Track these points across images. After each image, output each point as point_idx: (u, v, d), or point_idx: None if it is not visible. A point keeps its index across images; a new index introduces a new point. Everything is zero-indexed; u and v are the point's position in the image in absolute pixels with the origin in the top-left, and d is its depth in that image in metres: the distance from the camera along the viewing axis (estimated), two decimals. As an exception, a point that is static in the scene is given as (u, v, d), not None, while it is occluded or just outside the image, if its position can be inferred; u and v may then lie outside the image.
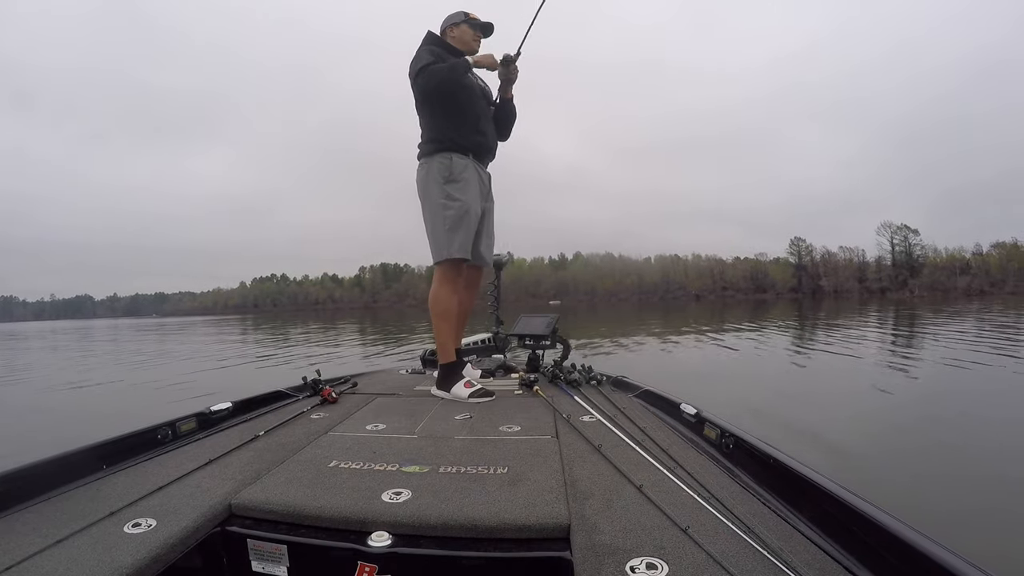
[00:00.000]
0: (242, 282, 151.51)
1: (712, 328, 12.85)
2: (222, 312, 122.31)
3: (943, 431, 3.25)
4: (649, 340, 10.29)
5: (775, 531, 0.94)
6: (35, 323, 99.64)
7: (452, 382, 2.17)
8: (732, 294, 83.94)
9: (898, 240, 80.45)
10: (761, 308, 29.51)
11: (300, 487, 1.17)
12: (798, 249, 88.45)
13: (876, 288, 75.42)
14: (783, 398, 4.42)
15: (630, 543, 0.90)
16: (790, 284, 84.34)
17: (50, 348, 15.85)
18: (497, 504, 1.06)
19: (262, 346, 12.46)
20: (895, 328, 12.03)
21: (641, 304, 57.41)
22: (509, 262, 3.03)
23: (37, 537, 0.96)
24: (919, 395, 4.45)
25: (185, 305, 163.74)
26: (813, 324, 13.82)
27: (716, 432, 1.42)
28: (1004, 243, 71.76)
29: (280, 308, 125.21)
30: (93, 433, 1.42)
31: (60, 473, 1.23)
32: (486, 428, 1.67)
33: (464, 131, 2.27)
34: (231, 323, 32.64)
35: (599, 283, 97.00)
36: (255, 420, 1.82)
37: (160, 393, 5.68)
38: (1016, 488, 2.28)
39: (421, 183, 2.29)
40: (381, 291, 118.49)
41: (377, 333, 15.61)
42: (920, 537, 0.76)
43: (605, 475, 1.22)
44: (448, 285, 2.28)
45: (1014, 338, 8.47)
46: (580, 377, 2.34)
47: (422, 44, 2.28)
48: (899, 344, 8.49)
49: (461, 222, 2.22)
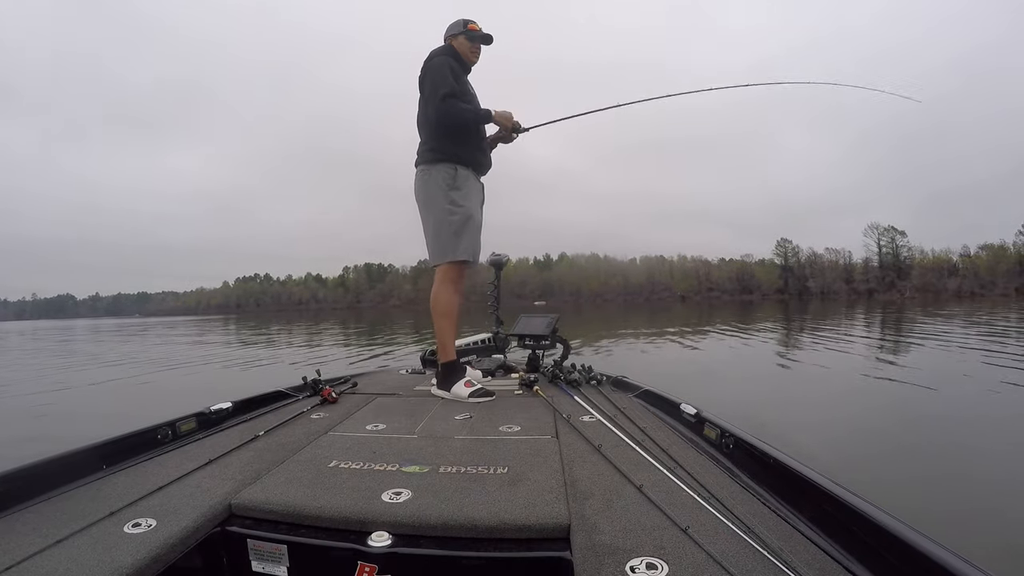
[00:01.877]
0: (225, 282, 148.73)
1: (694, 329, 12.73)
2: (204, 312, 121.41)
3: (937, 433, 3.21)
4: (634, 340, 10.28)
5: (775, 531, 0.94)
6: (15, 323, 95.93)
7: (452, 381, 2.17)
8: (718, 295, 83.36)
9: (885, 241, 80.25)
10: (747, 309, 29.38)
11: (300, 487, 1.16)
12: (784, 250, 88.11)
13: (864, 289, 75.12)
14: (772, 395, 4.40)
15: (630, 543, 0.90)
16: (776, 285, 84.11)
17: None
18: (497, 504, 1.05)
19: (231, 348, 11.38)
20: (890, 333, 11.04)
21: (627, 305, 57.44)
22: (508, 263, 3.02)
23: (37, 537, 0.96)
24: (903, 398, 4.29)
25: (168, 305, 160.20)
26: (800, 327, 13.35)
27: (716, 432, 1.42)
28: (992, 245, 71.49)
29: (263, 308, 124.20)
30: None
31: (60, 473, 1.22)
32: (486, 428, 1.66)
33: (468, 148, 2.33)
34: (211, 324, 31.13)
35: (584, 284, 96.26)
36: (255, 420, 1.81)
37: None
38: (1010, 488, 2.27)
39: (422, 188, 2.30)
40: (365, 291, 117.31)
41: (362, 335, 14.55)
42: (920, 537, 0.76)
43: (605, 475, 1.21)
44: (451, 285, 2.29)
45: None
46: (580, 377, 2.34)
47: (440, 54, 2.27)
48: (900, 353, 7.59)
49: (465, 227, 2.26)
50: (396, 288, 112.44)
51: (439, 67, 2.20)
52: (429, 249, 2.32)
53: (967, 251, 74.08)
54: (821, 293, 76.80)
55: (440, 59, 2.23)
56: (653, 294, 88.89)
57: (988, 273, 66.16)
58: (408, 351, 8.80)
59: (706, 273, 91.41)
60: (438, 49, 2.31)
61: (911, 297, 59.12)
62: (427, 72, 2.24)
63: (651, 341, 9.96)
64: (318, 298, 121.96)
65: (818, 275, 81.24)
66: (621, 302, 75.25)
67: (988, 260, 69.07)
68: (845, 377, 5.29)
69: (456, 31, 2.34)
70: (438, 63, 2.22)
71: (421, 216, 2.34)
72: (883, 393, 4.40)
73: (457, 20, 2.37)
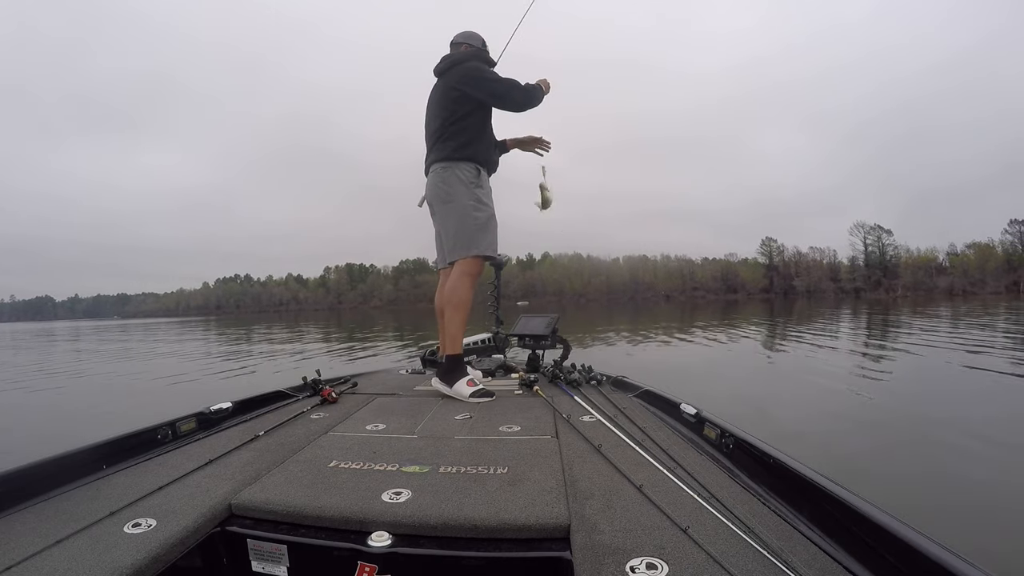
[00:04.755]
0: (205, 282, 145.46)
1: (680, 329, 12.57)
2: (184, 314, 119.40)
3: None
4: (618, 339, 10.25)
5: (775, 531, 0.92)
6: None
7: (455, 377, 2.13)
8: (702, 295, 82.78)
9: (871, 240, 78.34)
10: (732, 308, 28.78)
11: (300, 487, 1.15)
12: (769, 249, 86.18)
13: (850, 288, 74.11)
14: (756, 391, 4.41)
15: (630, 543, 0.88)
16: (761, 285, 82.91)
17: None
18: (497, 504, 1.04)
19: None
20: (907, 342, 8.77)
21: (611, 304, 57.32)
22: (507, 263, 2.94)
23: (37, 537, 0.94)
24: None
25: (148, 306, 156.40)
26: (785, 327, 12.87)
27: (716, 432, 1.40)
28: (979, 243, 70.95)
29: (243, 309, 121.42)
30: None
31: (60, 473, 1.20)
32: (486, 428, 1.64)
33: (489, 151, 2.41)
34: (191, 327, 29.32)
35: (567, 284, 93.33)
36: (255, 420, 1.79)
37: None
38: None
39: (443, 184, 2.29)
40: (346, 292, 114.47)
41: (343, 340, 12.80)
42: (920, 537, 0.75)
43: (605, 475, 1.19)
44: (469, 280, 2.26)
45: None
46: (580, 377, 2.29)
47: (474, 58, 2.37)
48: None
49: (489, 225, 2.30)
50: (377, 289, 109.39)
51: (477, 68, 2.31)
52: (450, 243, 2.30)
53: (954, 249, 73.66)
54: (808, 292, 75.92)
55: (476, 63, 2.35)
56: (637, 294, 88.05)
57: (977, 271, 65.45)
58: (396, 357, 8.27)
59: (690, 272, 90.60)
60: (471, 53, 2.41)
61: (903, 296, 58.50)
62: (479, 72, 2.30)
63: (633, 341, 9.73)
64: (299, 299, 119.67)
65: (804, 274, 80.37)
66: (605, 302, 74.05)
67: (976, 258, 68.35)
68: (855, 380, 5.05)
69: (476, 45, 2.45)
70: (475, 66, 2.33)
71: (438, 212, 2.35)
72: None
73: (478, 35, 2.49)
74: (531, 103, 2.33)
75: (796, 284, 78.85)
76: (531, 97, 2.33)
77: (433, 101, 2.38)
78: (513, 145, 2.65)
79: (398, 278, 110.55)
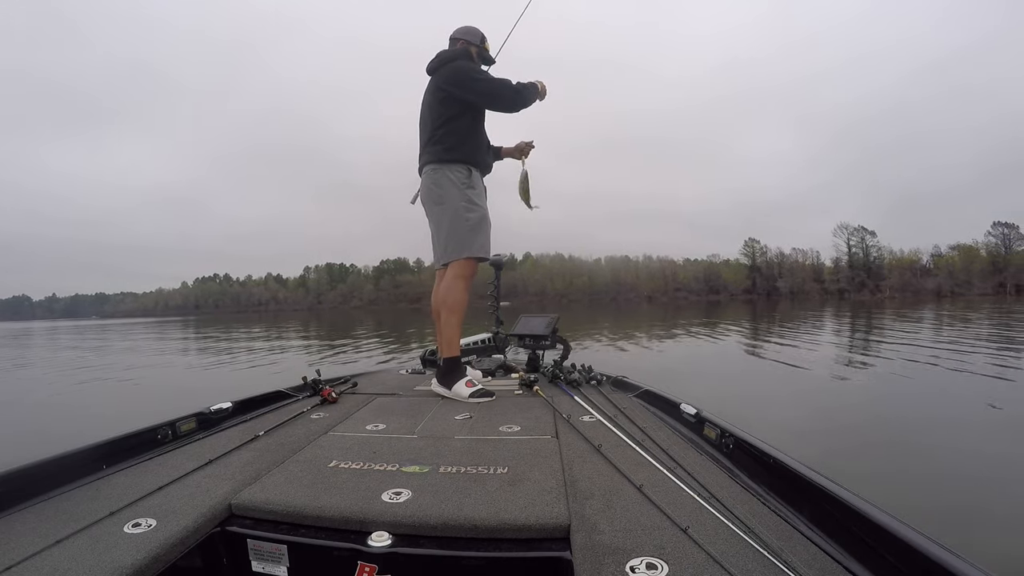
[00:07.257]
0: (184, 282, 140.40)
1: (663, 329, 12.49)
2: (163, 314, 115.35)
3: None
4: (604, 338, 10.27)
5: (775, 531, 0.92)
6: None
7: (454, 379, 2.12)
8: (685, 295, 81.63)
9: (855, 241, 76.79)
10: (714, 309, 28.61)
11: (300, 487, 1.14)
12: (752, 250, 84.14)
13: (835, 289, 73.24)
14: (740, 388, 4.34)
15: (630, 543, 0.88)
16: (744, 286, 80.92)
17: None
18: (497, 504, 1.03)
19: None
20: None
21: (592, 306, 55.60)
22: (507, 262, 2.93)
23: (37, 537, 0.93)
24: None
25: (126, 306, 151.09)
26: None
27: (716, 432, 1.39)
28: (964, 245, 70.02)
29: (222, 309, 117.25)
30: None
31: (60, 473, 1.19)
32: (486, 428, 1.63)
33: (480, 151, 2.36)
34: (168, 327, 27.86)
35: (549, 284, 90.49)
36: (255, 420, 1.77)
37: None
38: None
39: (435, 186, 2.26)
40: (326, 292, 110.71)
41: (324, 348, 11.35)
42: (920, 537, 0.75)
43: (605, 475, 1.18)
44: (463, 282, 2.24)
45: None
46: (580, 377, 2.28)
47: (462, 57, 2.30)
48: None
49: (481, 225, 2.26)
50: (357, 289, 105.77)
51: (469, 68, 2.26)
52: (442, 245, 2.27)
53: (938, 251, 72.87)
54: (791, 293, 74.96)
55: (466, 62, 2.29)
56: (619, 294, 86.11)
57: (963, 273, 64.87)
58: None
59: (672, 273, 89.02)
60: (460, 51, 2.34)
61: (890, 297, 58.17)
62: (464, 73, 2.24)
63: (615, 341, 9.79)
64: (278, 299, 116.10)
65: (788, 275, 79.37)
66: (587, 302, 72.94)
67: (961, 260, 67.72)
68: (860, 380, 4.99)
69: (475, 41, 2.39)
70: (467, 65, 2.27)
71: (431, 214, 2.31)
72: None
73: (477, 30, 2.42)
74: (523, 103, 2.27)
75: (780, 285, 77.42)
76: (523, 97, 2.26)
77: (425, 100, 2.35)
78: (507, 154, 2.60)
79: (379, 278, 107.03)
